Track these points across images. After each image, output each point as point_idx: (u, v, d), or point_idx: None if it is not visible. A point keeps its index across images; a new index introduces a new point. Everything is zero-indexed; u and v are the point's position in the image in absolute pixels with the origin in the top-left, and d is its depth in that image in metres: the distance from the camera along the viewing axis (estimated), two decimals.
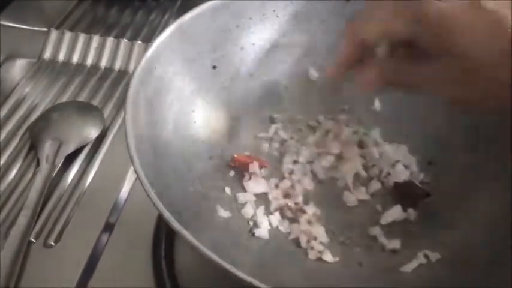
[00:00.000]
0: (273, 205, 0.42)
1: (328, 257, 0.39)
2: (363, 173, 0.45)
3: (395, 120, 0.48)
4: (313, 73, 0.49)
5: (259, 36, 0.47)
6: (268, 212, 0.42)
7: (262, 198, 0.43)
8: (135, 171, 0.32)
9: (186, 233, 0.30)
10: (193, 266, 0.43)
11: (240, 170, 0.44)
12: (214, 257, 0.29)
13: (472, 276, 0.36)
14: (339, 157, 0.46)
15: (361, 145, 0.47)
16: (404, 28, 0.32)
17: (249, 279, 0.28)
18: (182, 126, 0.42)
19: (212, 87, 0.45)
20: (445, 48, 0.31)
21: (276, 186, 0.43)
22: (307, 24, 0.48)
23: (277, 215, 0.42)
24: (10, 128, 0.54)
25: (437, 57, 0.32)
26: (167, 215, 0.31)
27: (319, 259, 0.39)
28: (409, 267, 0.38)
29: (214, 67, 0.45)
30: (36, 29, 0.65)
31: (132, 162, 0.33)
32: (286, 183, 0.43)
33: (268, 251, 0.40)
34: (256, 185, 0.43)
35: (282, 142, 0.47)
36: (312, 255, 0.39)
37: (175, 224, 0.30)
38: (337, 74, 0.39)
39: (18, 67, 0.62)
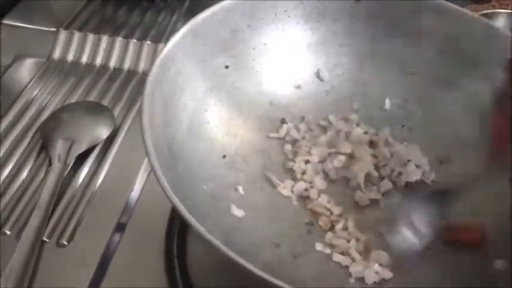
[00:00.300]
0: None
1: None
2: (374, 173, 0.45)
3: (406, 119, 0.48)
4: (324, 73, 0.49)
5: (270, 36, 0.47)
6: None
7: None
8: (151, 167, 0.32)
9: (198, 226, 0.30)
10: (206, 265, 0.43)
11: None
12: (225, 249, 0.29)
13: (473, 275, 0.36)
14: (351, 157, 0.46)
15: (372, 145, 0.47)
16: None
17: (261, 273, 0.28)
18: (196, 126, 0.42)
19: (224, 87, 0.45)
20: None
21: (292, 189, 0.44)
22: (318, 24, 0.48)
23: None
24: (21, 128, 0.54)
25: None
26: (181, 208, 0.31)
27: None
28: None
29: (226, 67, 0.45)
30: (45, 29, 0.65)
31: (148, 155, 0.33)
32: (301, 186, 0.44)
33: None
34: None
35: (294, 142, 0.47)
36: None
37: (189, 217, 0.30)
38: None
39: (27, 67, 0.62)
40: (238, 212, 0.41)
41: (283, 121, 0.48)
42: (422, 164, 0.45)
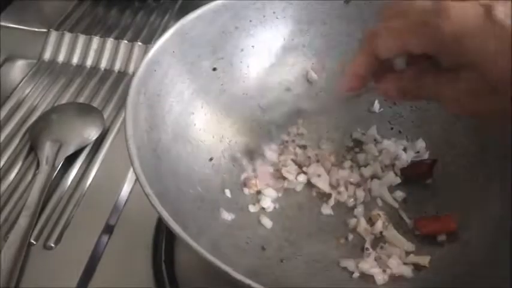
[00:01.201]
0: None
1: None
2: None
3: (395, 121, 0.48)
4: (313, 75, 0.49)
5: (259, 38, 0.47)
6: None
7: None
8: (135, 173, 0.33)
9: (184, 235, 0.30)
10: (194, 268, 0.43)
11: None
12: (213, 259, 0.29)
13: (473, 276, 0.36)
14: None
15: (357, 146, 0.47)
16: (420, 44, 0.31)
17: (247, 281, 0.28)
18: (182, 129, 0.42)
19: (212, 89, 0.45)
20: (461, 64, 0.31)
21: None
22: (307, 26, 0.48)
23: None
24: (10, 129, 0.54)
25: (454, 71, 0.31)
26: (166, 216, 0.31)
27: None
28: None
29: (214, 69, 0.45)
30: (36, 29, 0.65)
31: (132, 163, 0.33)
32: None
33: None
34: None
35: (281, 143, 0.47)
36: None
37: (174, 226, 0.30)
38: (353, 84, 0.37)
39: (18, 68, 0.62)
40: (227, 216, 0.41)
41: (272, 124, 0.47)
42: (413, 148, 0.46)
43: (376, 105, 0.49)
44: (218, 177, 0.43)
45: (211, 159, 0.43)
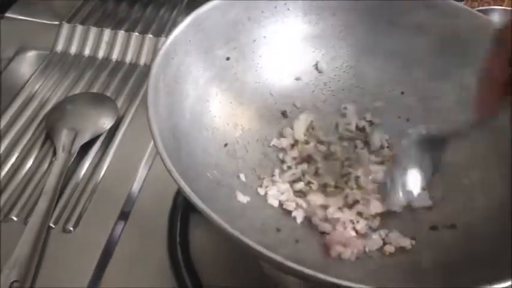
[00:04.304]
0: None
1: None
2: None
3: (403, 111, 0.49)
4: (323, 65, 0.50)
5: (270, 29, 0.48)
6: None
7: None
8: (158, 151, 0.34)
9: (205, 207, 0.31)
10: (209, 251, 0.44)
11: None
12: (233, 231, 0.31)
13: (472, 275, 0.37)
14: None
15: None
16: None
17: (270, 253, 0.30)
18: (198, 115, 0.43)
19: (225, 78, 0.46)
20: None
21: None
22: (317, 17, 0.49)
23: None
24: (25, 119, 0.55)
25: None
26: (188, 190, 0.32)
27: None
28: None
29: (227, 58, 0.47)
30: (47, 22, 0.66)
31: (155, 142, 0.34)
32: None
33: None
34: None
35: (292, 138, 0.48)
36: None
37: (195, 199, 0.32)
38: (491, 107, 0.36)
39: (30, 60, 0.63)
40: (243, 198, 0.42)
41: (284, 114, 0.49)
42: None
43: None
44: (233, 162, 0.44)
45: (226, 144, 0.45)
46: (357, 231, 0.41)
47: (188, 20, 0.43)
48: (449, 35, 0.48)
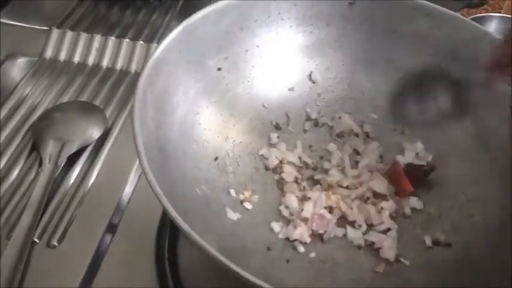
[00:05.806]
0: None
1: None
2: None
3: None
4: (317, 76, 0.49)
5: (263, 38, 0.47)
6: None
7: None
8: (143, 171, 0.32)
9: (192, 233, 0.30)
10: (197, 267, 0.43)
11: None
12: (222, 258, 0.29)
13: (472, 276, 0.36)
14: None
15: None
16: None
17: (257, 281, 0.28)
18: (187, 128, 0.42)
19: (217, 89, 0.45)
20: None
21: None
22: (311, 27, 0.48)
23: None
24: (11, 128, 0.53)
25: None
26: (174, 214, 0.31)
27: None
28: None
29: (219, 69, 0.45)
30: (37, 27, 0.65)
31: (140, 161, 0.33)
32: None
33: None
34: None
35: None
36: None
37: (182, 224, 0.30)
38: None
39: (19, 66, 0.61)
40: (233, 216, 0.41)
41: (277, 126, 0.48)
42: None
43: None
44: (223, 177, 0.43)
45: (216, 158, 0.43)
46: None
47: (178, 29, 0.42)
48: (445, 43, 0.47)
